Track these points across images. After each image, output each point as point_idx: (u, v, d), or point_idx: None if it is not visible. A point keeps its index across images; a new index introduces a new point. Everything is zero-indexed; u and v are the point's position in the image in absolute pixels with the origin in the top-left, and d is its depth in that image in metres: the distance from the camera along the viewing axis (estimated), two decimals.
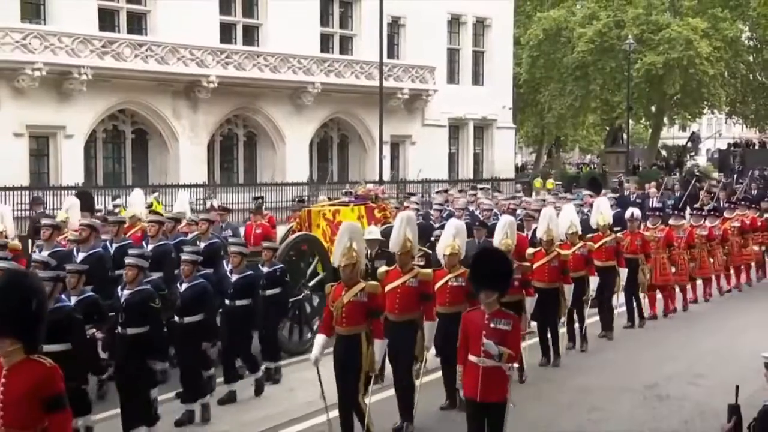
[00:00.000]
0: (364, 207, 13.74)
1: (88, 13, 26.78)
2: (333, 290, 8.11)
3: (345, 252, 7.99)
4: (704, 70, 40.13)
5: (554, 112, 44.72)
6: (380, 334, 7.99)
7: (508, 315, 6.87)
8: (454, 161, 37.50)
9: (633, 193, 24.78)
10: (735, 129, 67.90)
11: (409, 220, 9.05)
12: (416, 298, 8.63)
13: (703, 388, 10.34)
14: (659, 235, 14.72)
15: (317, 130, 32.97)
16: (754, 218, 18.39)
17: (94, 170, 28.15)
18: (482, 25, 38.01)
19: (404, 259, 8.77)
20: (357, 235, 8.25)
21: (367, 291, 7.94)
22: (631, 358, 12.11)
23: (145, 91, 28.02)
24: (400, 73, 33.46)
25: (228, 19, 30.45)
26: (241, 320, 10.07)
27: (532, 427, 8.91)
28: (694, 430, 8.91)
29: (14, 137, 25.38)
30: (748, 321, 14.53)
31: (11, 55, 24.84)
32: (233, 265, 10.26)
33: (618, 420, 9.22)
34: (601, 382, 10.70)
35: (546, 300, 11.10)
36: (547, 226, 11.47)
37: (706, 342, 13.08)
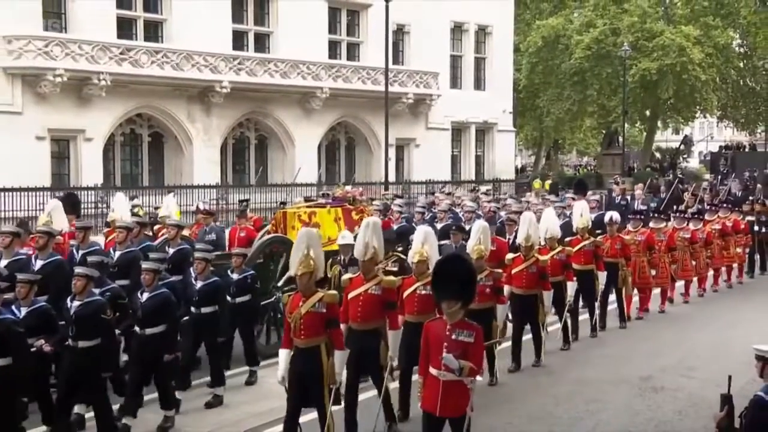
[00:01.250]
0: (341, 209, 13.04)
1: (107, 22, 26.78)
2: (290, 301, 7.51)
3: (302, 260, 7.34)
4: (696, 76, 40.07)
5: (553, 116, 44.62)
6: (340, 344, 7.43)
7: (470, 326, 6.34)
8: (456, 163, 37.44)
9: (618, 195, 24.10)
10: (726, 132, 67.74)
11: (373, 225, 8.44)
12: (380, 306, 8.10)
13: (695, 380, 10.39)
14: (640, 238, 14.35)
15: (325, 133, 32.95)
16: (737, 221, 17.99)
17: (113, 172, 28.17)
18: (483, 32, 37.95)
19: (367, 266, 8.19)
20: (314, 242, 7.57)
21: (325, 301, 7.33)
22: (627, 351, 12.13)
23: (161, 96, 28.06)
24: (404, 79, 33.42)
25: (240, 27, 30.46)
26: (207, 328, 9.48)
27: (532, 417, 8.98)
28: (687, 420, 8.94)
29: (36, 140, 25.41)
30: (740, 316, 14.63)
31: (34, 61, 24.88)
32: (197, 272, 9.65)
33: (614, 410, 9.26)
34: (597, 375, 10.74)
35: (524, 306, 10.75)
36: (527, 232, 10.87)
37: (699, 336, 13.11)
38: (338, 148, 34.59)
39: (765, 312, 14.63)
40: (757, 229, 18.60)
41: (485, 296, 9.36)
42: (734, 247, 17.50)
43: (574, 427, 8.71)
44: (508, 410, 9.22)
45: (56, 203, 13.28)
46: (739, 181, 35.28)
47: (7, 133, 24.61)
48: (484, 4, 36.73)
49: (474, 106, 36.80)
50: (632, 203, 22.45)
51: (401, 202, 18.09)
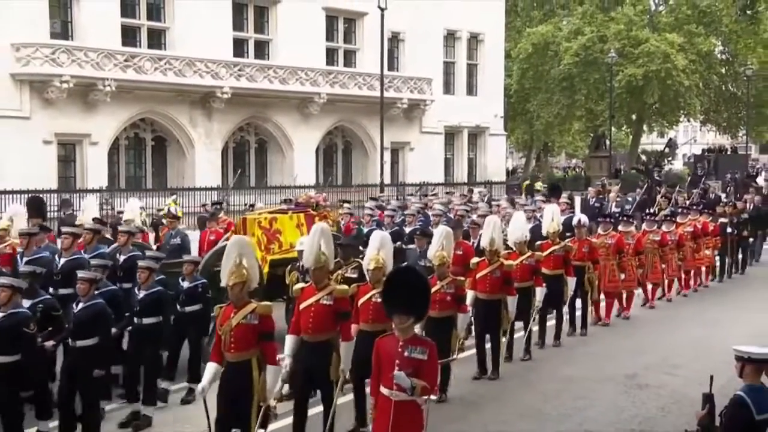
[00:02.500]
0: (303, 215, 12.28)
1: (111, 30, 26.76)
2: (221, 312, 6.88)
3: (233, 270, 6.75)
4: (680, 82, 40.17)
5: (542, 120, 44.75)
6: (273, 359, 6.77)
7: (424, 342, 5.77)
8: (449, 166, 37.46)
9: (593, 197, 23.56)
10: (709, 135, 67.88)
11: (322, 232, 7.78)
12: (331, 316, 7.43)
13: (678, 378, 10.34)
14: (610, 242, 13.68)
15: (323, 136, 32.94)
16: (706, 223, 17.38)
17: (117, 174, 28.15)
18: (476, 39, 37.96)
19: (318, 274, 7.52)
20: (247, 250, 6.97)
21: (258, 312, 6.72)
22: (613, 349, 12.07)
23: (164, 102, 28.03)
24: (399, 85, 33.42)
25: (240, 34, 30.44)
26: (148, 340, 8.67)
27: (521, 414, 8.95)
28: (670, 416, 8.91)
29: (44, 144, 25.42)
30: (721, 315, 14.53)
31: (41, 68, 24.88)
32: (140, 281, 8.85)
33: (601, 407, 9.22)
34: (585, 373, 10.66)
35: (488, 312, 10.09)
36: (491, 236, 10.15)
37: (682, 334, 13.05)
38: (335, 151, 34.59)
39: (745, 310, 14.60)
40: (730, 231, 18.13)
41: (446, 304, 8.91)
42: (704, 249, 16.95)
43: (562, 423, 8.68)
44: (497, 407, 9.19)
45: (18, 209, 12.94)
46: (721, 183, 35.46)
47: (16, 137, 24.63)
48: (476, 12, 36.70)
49: (466, 111, 36.78)
50: (606, 205, 22.08)
51: (372, 204, 17.03)
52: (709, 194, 26.77)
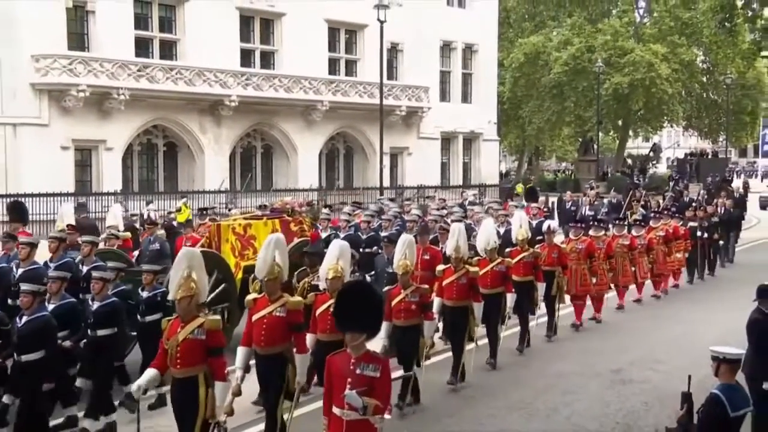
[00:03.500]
0: (278, 221, 11.72)
1: (125, 41, 26.80)
2: (169, 326, 6.43)
3: (181, 283, 6.24)
4: (664, 90, 40.31)
5: (534, 125, 44.86)
6: (221, 375, 6.29)
7: (376, 359, 5.27)
8: (446, 169, 37.43)
9: (568, 201, 23.04)
10: (691, 140, 67.88)
11: (276, 242, 7.23)
12: (284, 328, 6.97)
13: (661, 373, 10.36)
14: (580, 247, 13.13)
15: (326, 142, 32.93)
16: (677, 227, 16.89)
17: (131, 178, 28.15)
18: (470, 50, 37.96)
19: (270, 286, 7.02)
20: (196, 263, 6.43)
21: (205, 327, 6.25)
22: (600, 345, 12.09)
23: (175, 109, 28.03)
24: (398, 93, 33.44)
25: (247, 45, 30.44)
26: (103, 352, 8.06)
27: (511, 409, 8.95)
28: (653, 410, 8.93)
29: (62, 150, 25.43)
30: (702, 312, 14.54)
31: (59, 78, 24.90)
32: (94, 292, 8.22)
33: (588, 402, 9.24)
34: (573, 368, 10.66)
35: (455, 318, 9.61)
36: (456, 243, 9.57)
37: (665, 331, 13.06)
38: (337, 156, 34.56)
39: (720, 310, 14.49)
40: (700, 234, 17.69)
41: (411, 313, 8.47)
42: (675, 252, 16.53)
43: (551, 417, 8.70)
44: (489, 402, 9.18)
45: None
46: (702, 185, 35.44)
47: (36, 143, 24.72)
48: (471, 24, 36.78)
49: (461, 118, 36.82)
50: (580, 209, 21.64)
51: (350, 210, 16.17)
52: (683, 198, 26.37)
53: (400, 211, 16.14)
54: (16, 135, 24.79)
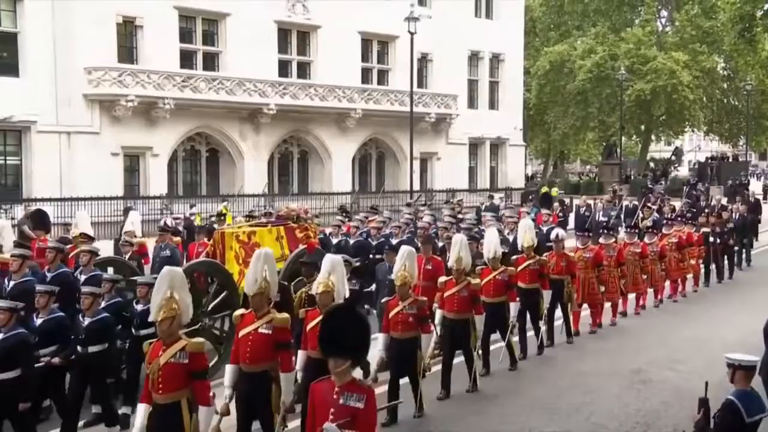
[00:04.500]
0: (283, 228, 11.03)
1: (171, 54, 27.06)
2: (151, 349, 5.82)
3: (162, 304, 5.70)
4: (685, 96, 39.79)
5: (559, 130, 44.59)
6: (206, 400, 5.73)
7: (361, 389, 4.75)
8: (473, 174, 37.26)
9: (582, 206, 22.16)
10: (713, 144, 66.86)
11: (264, 257, 6.69)
12: (270, 346, 6.40)
13: (680, 373, 10.20)
14: (588, 255, 12.53)
15: (358, 148, 32.93)
16: (690, 233, 16.20)
17: (175, 183, 28.36)
18: (497, 59, 37.76)
19: (258, 301, 6.49)
20: (179, 283, 5.88)
21: (188, 350, 5.68)
22: (620, 345, 11.90)
23: (217, 117, 28.23)
24: (428, 100, 33.36)
25: (285, 56, 30.57)
26: (95, 368, 7.55)
27: (534, 408, 8.87)
28: (671, 410, 8.80)
29: (112, 156, 25.74)
30: (721, 313, 14.30)
31: (110, 89, 25.21)
32: (84, 308, 7.67)
33: (608, 401, 9.11)
34: (594, 368, 10.50)
35: (456, 331, 9.00)
36: (458, 254, 9.03)
37: (684, 332, 12.80)
38: (369, 161, 34.55)
39: (741, 311, 14.26)
40: (712, 240, 17.06)
41: (409, 325, 7.96)
42: (689, 259, 15.81)
43: (571, 417, 8.59)
44: (513, 401, 9.11)
45: (4, 223, 11.62)
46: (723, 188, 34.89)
47: (88, 150, 25.09)
48: (498, 35, 36.61)
49: (488, 124, 36.65)
50: (594, 214, 20.90)
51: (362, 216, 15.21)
52: (700, 202, 25.68)
53: (412, 218, 15.39)
54: (70, 143, 25.17)
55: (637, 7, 45.96)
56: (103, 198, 23.51)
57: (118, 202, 23.34)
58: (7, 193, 24.17)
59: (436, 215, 17.24)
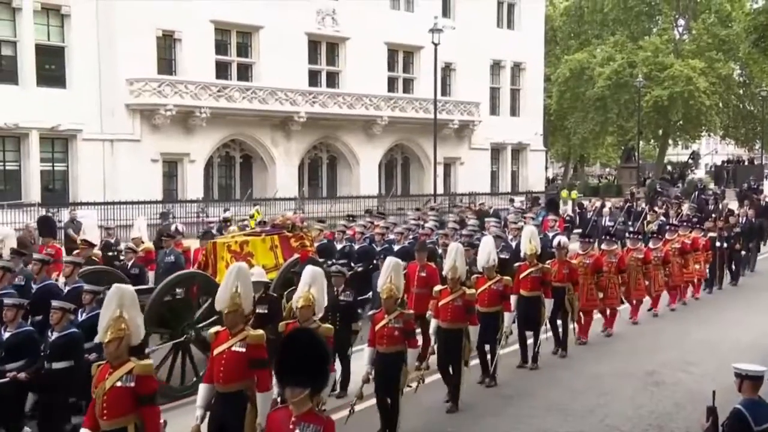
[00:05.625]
0: (278, 237, 10.49)
1: (207, 65, 27.24)
2: (98, 371, 5.24)
3: (110, 323, 5.15)
4: (702, 102, 39.14)
5: (579, 135, 44.16)
6: (155, 427, 5.17)
7: (319, 419, 4.19)
8: (495, 178, 36.99)
9: (589, 210, 21.44)
10: (729, 147, 65.69)
11: (238, 272, 6.13)
12: (245, 364, 5.80)
13: (693, 375, 10.00)
14: (588, 261, 11.92)
15: (385, 153, 32.86)
16: (696, 239, 15.33)
17: (211, 187, 28.49)
18: (518, 68, 37.45)
19: (231, 318, 5.91)
20: (128, 301, 5.32)
21: (135, 373, 5.10)
22: (634, 347, 11.70)
23: (250, 125, 28.33)
24: (451, 108, 33.19)
25: (314, 67, 30.60)
26: (59, 386, 6.93)
27: (549, 409, 8.72)
28: (683, 412, 8.62)
29: (152, 162, 25.96)
30: (733, 315, 14.02)
31: (150, 99, 25.44)
32: (53, 322, 7.06)
33: (622, 403, 8.94)
34: (609, 370, 10.32)
35: (449, 340, 8.42)
36: (453, 263, 8.53)
37: (697, 334, 12.56)
38: (395, 165, 34.45)
39: (753, 313, 14.05)
40: (719, 245, 16.28)
41: (394, 339, 7.38)
42: (693, 264, 14.97)
43: (585, 418, 8.43)
44: (529, 403, 8.96)
45: (8, 232, 11.10)
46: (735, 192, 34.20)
47: (130, 156, 25.36)
48: (519, 44, 36.33)
49: (510, 130, 36.36)
50: (600, 219, 20.25)
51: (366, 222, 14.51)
52: (708, 206, 24.83)
53: (418, 223, 14.86)
54: (113, 149, 25.45)
55: (655, 16, 45.37)
56: (144, 202, 23.68)
57: (157, 206, 23.54)
58: (55, 198, 24.51)
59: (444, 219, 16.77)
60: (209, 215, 22.49)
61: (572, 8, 46.96)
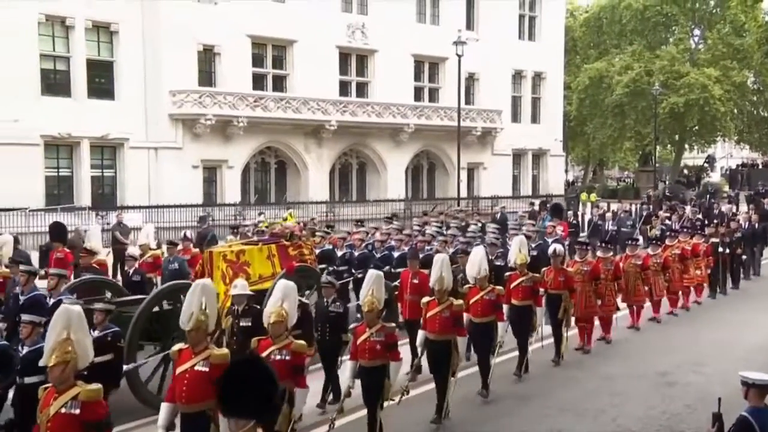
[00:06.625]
0: (275, 246, 9.90)
1: (244, 77, 27.38)
2: (44, 396, 4.74)
3: (55, 346, 4.64)
4: (717, 108, 38.36)
5: (598, 140, 43.66)
6: None
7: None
8: (517, 182, 36.64)
9: (596, 215, 20.55)
10: (744, 151, 64.39)
11: (202, 288, 5.69)
12: (207, 384, 5.21)
13: (704, 376, 9.78)
14: (585, 269, 11.31)
15: (411, 159, 32.73)
16: (696, 245, 14.74)
17: (247, 191, 28.61)
18: (539, 77, 37.05)
19: (194, 336, 5.46)
20: (75, 322, 4.81)
21: (80, 399, 4.57)
22: (647, 348, 11.48)
23: (285, 133, 28.42)
24: (474, 116, 32.96)
25: (345, 78, 30.62)
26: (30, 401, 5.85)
27: (563, 409, 8.58)
28: (695, 413, 8.43)
29: (192, 168, 26.21)
30: (743, 317, 13.66)
31: (191, 109, 25.67)
32: (23, 336, 6.50)
33: (634, 404, 8.78)
34: (622, 370, 10.13)
35: (437, 352, 7.94)
36: (440, 274, 7.97)
37: (708, 335, 12.28)
38: (421, 171, 34.27)
39: (761, 316, 13.64)
40: (721, 250, 15.59)
41: (376, 353, 6.92)
42: (694, 270, 14.40)
43: (598, 419, 8.28)
44: (543, 402, 8.82)
45: (7, 238, 10.72)
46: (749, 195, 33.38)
47: (172, 163, 25.67)
48: (540, 55, 35.95)
49: (531, 136, 36.00)
50: (604, 224, 19.48)
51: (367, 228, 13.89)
52: (712, 211, 23.80)
53: (420, 229, 14.24)
54: (157, 157, 25.76)
55: (672, 26, 44.63)
56: (185, 205, 23.98)
57: (197, 209, 23.76)
58: (104, 202, 24.90)
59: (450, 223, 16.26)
60: (246, 218, 22.66)
61: (592, 19, 46.49)
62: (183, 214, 23.52)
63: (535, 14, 36.63)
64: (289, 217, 21.51)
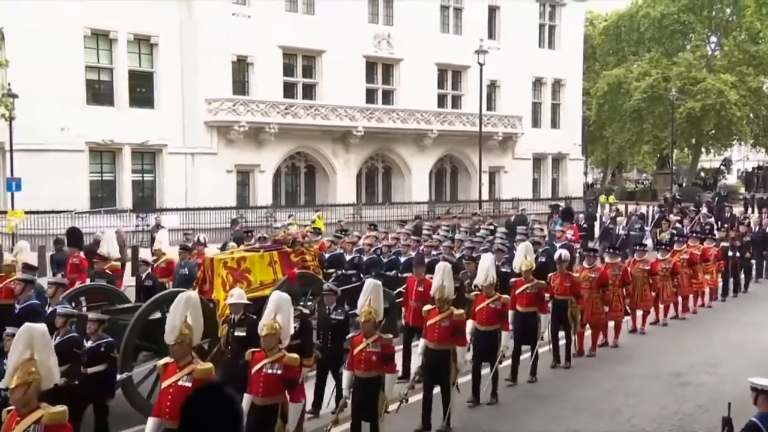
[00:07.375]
0: (277, 252, 9.42)
1: (276, 86, 27.58)
2: (7, 419, 4.27)
3: (18, 366, 4.21)
4: (733, 113, 37.78)
5: (616, 144, 43.31)
6: None
7: None
8: (537, 185, 36.42)
9: (607, 219, 20.12)
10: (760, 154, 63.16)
11: (186, 302, 5.32)
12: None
13: (716, 377, 9.65)
14: (593, 275, 10.84)
15: (435, 163, 32.71)
16: (706, 249, 14.22)
17: (279, 194, 28.78)
18: (559, 84, 36.76)
19: (178, 350, 5.14)
20: (39, 342, 4.34)
21: (44, 422, 4.11)
22: (661, 350, 11.30)
23: (314, 139, 28.57)
24: (496, 121, 32.84)
25: (371, 85, 30.68)
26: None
27: (579, 409, 8.50)
28: (707, 414, 8.32)
29: (227, 173, 26.48)
30: (755, 319, 13.41)
31: (226, 117, 25.94)
32: (6, 349, 5.68)
33: (648, 404, 8.67)
34: (637, 371, 10.01)
35: (436, 362, 7.50)
36: (441, 283, 7.57)
37: (721, 336, 12.09)
38: (444, 174, 34.22)
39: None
40: (731, 255, 15.20)
41: (372, 364, 6.53)
42: (704, 274, 13.95)
43: (613, 419, 8.19)
44: (561, 402, 8.74)
45: (23, 245, 10.46)
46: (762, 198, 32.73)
47: (208, 168, 25.96)
48: (559, 62, 35.70)
49: (550, 141, 35.76)
50: (615, 228, 18.99)
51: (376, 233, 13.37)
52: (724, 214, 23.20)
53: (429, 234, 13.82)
54: (194, 162, 26.09)
55: (689, 34, 44.01)
56: (220, 208, 24.27)
57: (231, 211, 24.04)
58: (144, 204, 25.30)
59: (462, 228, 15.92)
60: (277, 220, 22.86)
61: (610, 28, 46.07)
62: (218, 216, 23.80)
63: (554, 23, 36.37)
64: (317, 219, 21.61)
